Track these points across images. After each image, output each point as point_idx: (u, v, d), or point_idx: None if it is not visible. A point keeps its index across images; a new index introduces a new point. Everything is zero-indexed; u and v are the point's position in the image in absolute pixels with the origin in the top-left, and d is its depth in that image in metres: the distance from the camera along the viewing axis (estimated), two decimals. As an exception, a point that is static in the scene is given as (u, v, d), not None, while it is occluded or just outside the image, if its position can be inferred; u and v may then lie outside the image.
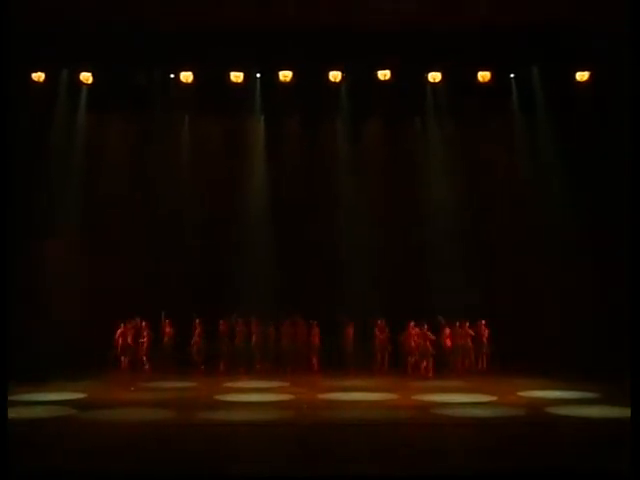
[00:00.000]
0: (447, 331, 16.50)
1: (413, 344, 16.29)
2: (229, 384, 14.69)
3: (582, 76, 16.45)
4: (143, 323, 16.58)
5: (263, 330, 16.53)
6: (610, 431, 10.30)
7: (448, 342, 16.43)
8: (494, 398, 12.93)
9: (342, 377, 15.42)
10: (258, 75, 17.21)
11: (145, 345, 16.55)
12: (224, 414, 11.61)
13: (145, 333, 16.58)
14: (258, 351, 16.37)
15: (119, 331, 16.47)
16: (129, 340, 16.46)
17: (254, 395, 13.41)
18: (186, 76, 16.72)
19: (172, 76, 16.96)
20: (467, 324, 16.70)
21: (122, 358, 16.52)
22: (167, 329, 16.53)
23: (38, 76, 16.24)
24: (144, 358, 16.57)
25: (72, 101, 17.05)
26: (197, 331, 16.48)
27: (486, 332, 16.69)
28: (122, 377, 15.73)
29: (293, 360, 16.41)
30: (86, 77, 16.59)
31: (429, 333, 16.37)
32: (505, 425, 10.94)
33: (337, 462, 8.94)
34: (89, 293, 16.93)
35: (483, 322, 16.77)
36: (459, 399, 12.89)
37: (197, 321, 16.49)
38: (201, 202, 17.81)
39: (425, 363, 16.21)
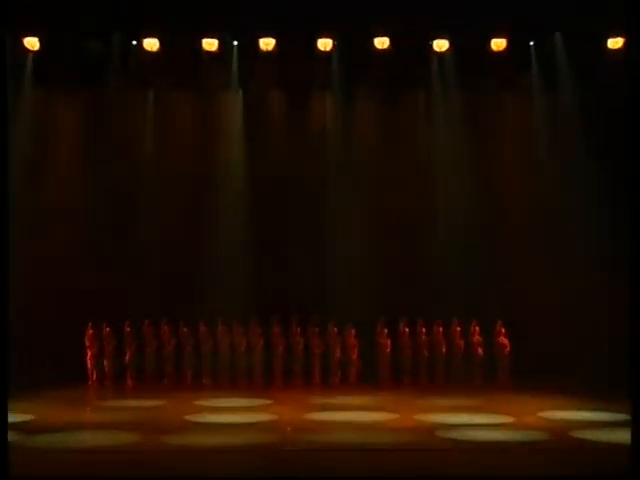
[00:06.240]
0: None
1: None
2: (201, 402, 14.62)
3: (615, 43, 16.21)
4: (128, 329, 16.62)
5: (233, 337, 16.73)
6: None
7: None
8: (510, 419, 12.85)
9: (335, 394, 15.51)
10: (235, 43, 17.17)
11: (130, 356, 16.60)
12: (195, 438, 11.55)
13: (130, 341, 16.59)
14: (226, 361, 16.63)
15: (89, 335, 16.48)
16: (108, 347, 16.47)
17: (231, 415, 13.32)
18: (150, 43, 16.57)
19: (134, 43, 16.82)
20: (477, 327, 16.84)
21: (93, 370, 16.50)
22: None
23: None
24: (127, 372, 16.61)
25: (15, 71, 16.74)
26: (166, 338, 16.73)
27: (505, 340, 16.78)
28: (78, 394, 15.60)
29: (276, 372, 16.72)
30: (32, 43, 16.38)
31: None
32: (523, 451, 10.85)
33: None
34: (36, 294, 16.85)
35: (503, 329, 16.79)
36: (468, 420, 12.80)
37: (165, 327, 16.72)
38: (168, 191, 17.78)
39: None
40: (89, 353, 16.59)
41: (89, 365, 16.60)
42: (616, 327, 15.77)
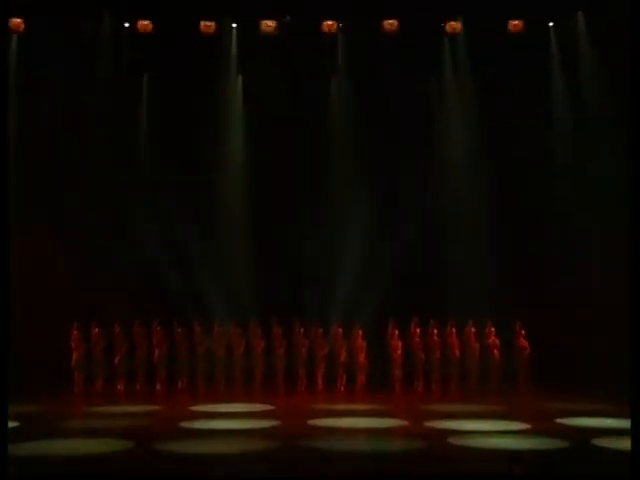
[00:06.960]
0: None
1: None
2: (197, 407, 14.53)
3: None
4: (117, 329, 16.57)
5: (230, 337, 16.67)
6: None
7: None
8: (526, 426, 12.71)
9: (341, 398, 15.59)
10: (234, 25, 17.23)
11: (120, 358, 16.55)
12: (191, 445, 11.43)
13: (119, 342, 16.54)
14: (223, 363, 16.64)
15: (74, 336, 16.35)
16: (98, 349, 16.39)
17: (229, 422, 13.24)
18: (144, 25, 16.44)
19: (127, 25, 16.84)
20: (492, 328, 16.68)
21: (76, 374, 16.38)
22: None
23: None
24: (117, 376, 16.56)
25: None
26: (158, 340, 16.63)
27: (525, 342, 16.64)
28: (66, 399, 15.58)
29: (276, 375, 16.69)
30: (17, 23, 16.32)
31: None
32: (540, 461, 10.69)
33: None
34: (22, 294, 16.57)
35: (523, 330, 16.62)
36: (482, 426, 12.72)
37: (158, 328, 16.64)
38: (163, 184, 17.69)
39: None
40: (75, 355, 16.47)
41: (74, 368, 16.47)
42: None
